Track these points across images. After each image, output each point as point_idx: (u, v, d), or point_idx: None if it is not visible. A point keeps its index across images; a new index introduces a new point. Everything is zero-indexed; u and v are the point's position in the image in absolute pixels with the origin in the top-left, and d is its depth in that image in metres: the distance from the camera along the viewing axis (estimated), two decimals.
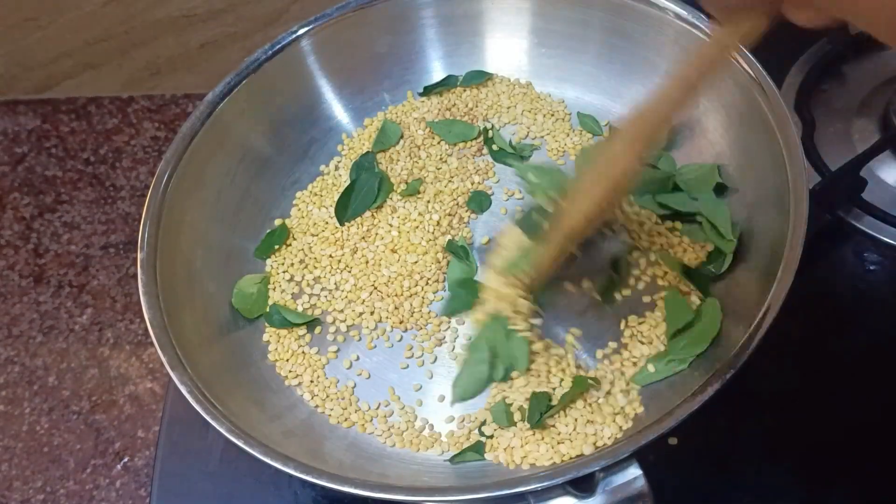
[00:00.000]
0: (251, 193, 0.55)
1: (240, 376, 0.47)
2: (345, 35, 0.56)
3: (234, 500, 0.49)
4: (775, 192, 0.45)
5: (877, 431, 0.47)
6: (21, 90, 0.79)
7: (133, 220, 0.71)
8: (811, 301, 0.50)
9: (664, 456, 0.44)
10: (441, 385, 0.47)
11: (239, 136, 0.54)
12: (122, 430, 0.60)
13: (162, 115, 0.77)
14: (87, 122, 0.77)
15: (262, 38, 0.71)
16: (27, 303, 0.67)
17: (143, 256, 0.47)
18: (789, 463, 0.47)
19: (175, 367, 0.43)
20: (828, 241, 0.54)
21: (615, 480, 0.37)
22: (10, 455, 0.60)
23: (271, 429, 0.44)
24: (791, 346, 0.49)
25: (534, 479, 0.38)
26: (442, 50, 0.58)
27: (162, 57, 0.74)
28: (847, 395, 0.48)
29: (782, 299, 0.39)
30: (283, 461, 0.39)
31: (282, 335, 0.50)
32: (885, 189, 0.55)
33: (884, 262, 0.53)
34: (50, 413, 0.62)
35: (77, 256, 0.69)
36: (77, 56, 0.74)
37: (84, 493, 0.58)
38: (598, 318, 0.48)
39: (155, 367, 0.63)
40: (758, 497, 0.46)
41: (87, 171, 0.74)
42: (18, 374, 0.64)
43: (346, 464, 0.44)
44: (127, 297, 0.67)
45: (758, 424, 0.48)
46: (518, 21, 0.57)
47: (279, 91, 0.55)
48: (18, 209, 0.73)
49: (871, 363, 0.50)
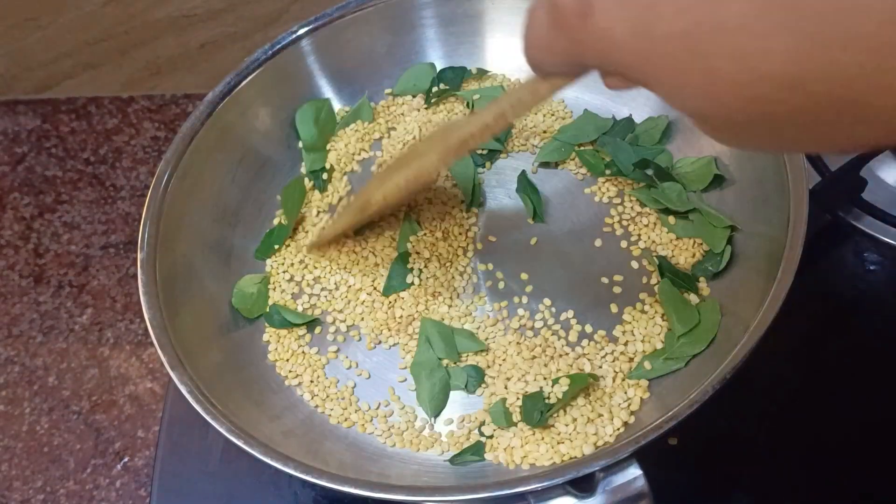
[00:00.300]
0: (251, 193, 0.55)
1: (240, 376, 0.47)
2: (345, 35, 0.56)
3: (234, 500, 0.50)
4: (775, 192, 0.45)
5: (877, 431, 0.47)
6: (21, 90, 0.79)
7: (133, 220, 0.71)
8: (811, 301, 0.50)
9: (664, 456, 0.44)
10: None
11: (239, 136, 0.54)
12: (122, 430, 0.60)
13: (162, 115, 0.77)
14: (87, 122, 0.77)
15: (262, 38, 0.71)
16: (27, 303, 0.67)
17: (143, 256, 0.47)
18: (789, 463, 0.47)
19: (175, 367, 0.43)
20: (828, 241, 0.54)
21: (615, 480, 0.37)
22: (10, 455, 0.60)
23: (271, 429, 0.44)
24: (791, 346, 0.49)
25: (534, 479, 0.38)
26: (442, 50, 0.58)
27: (162, 57, 0.74)
28: (847, 395, 0.48)
29: (782, 299, 0.39)
30: (283, 461, 0.39)
31: (282, 335, 0.50)
32: (885, 189, 0.55)
33: (884, 262, 0.53)
34: (50, 413, 0.62)
35: (77, 256, 0.69)
36: (77, 56, 0.74)
37: (84, 493, 0.58)
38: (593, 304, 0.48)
39: (155, 367, 0.63)
40: (758, 497, 0.46)
41: (87, 171, 0.74)
42: (18, 374, 0.64)
43: (346, 464, 0.44)
44: (127, 297, 0.67)
45: (758, 425, 0.48)
46: (518, 21, 0.56)
47: (279, 91, 0.55)
48: (18, 209, 0.73)
49: (871, 363, 0.50)
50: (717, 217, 0.48)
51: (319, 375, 0.49)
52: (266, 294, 0.52)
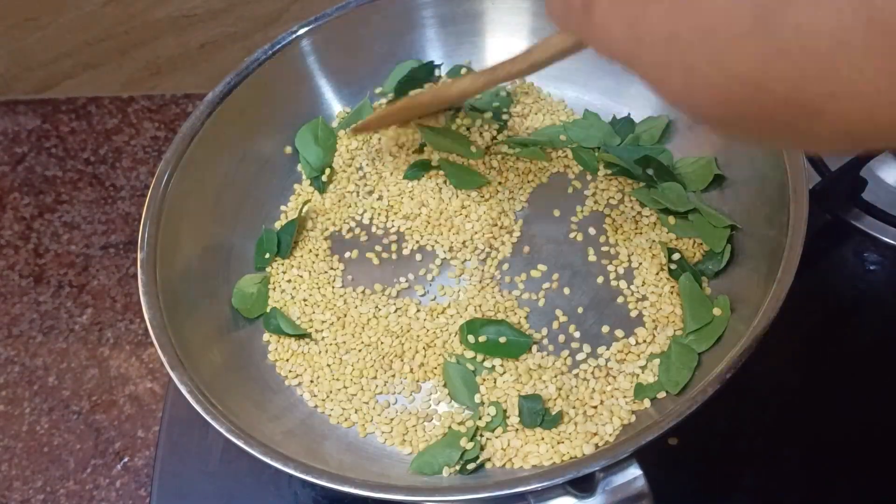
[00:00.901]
0: (251, 193, 0.55)
1: (240, 376, 0.47)
2: (345, 35, 0.56)
3: (234, 500, 0.50)
4: (775, 192, 0.45)
5: (877, 431, 0.47)
6: (21, 90, 0.79)
7: (133, 220, 0.71)
8: (811, 301, 0.50)
9: (664, 456, 0.44)
10: (440, 384, 0.47)
11: (239, 136, 0.54)
12: (122, 430, 0.60)
13: (162, 115, 0.77)
14: (87, 122, 0.77)
15: (262, 38, 0.71)
16: (27, 303, 0.67)
17: (143, 256, 0.47)
18: (789, 463, 0.47)
19: (175, 367, 0.43)
20: (828, 241, 0.54)
21: (615, 480, 0.37)
22: (10, 455, 0.60)
23: (271, 429, 0.44)
24: (791, 346, 0.49)
25: (534, 479, 0.38)
26: (442, 50, 0.58)
27: (162, 57, 0.74)
28: (847, 395, 0.49)
29: (782, 299, 0.39)
30: (283, 461, 0.39)
31: (282, 335, 0.50)
32: (885, 189, 0.55)
33: (884, 262, 0.53)
34: (50, 413, 0.62)
35: (77, 256, 0.69)
36: (77, 56, 0.74)
37: (84, 493, 0.58)
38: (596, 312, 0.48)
39: (155, 367, 0.63)
40: (758, 497, 0.46)
41: (87, 171, 0.74)
42: (18, 374, 0.64)
43: (346, 464, 0.44)
44: (127, 297, 0.67)
45: (758, 425, 0.48)
46: (518, 21, 0.57)
47: (279, 91, 0.55)
48: (18, 209, 0.73)
49: (871, 363, 0.50)
50: (717, 217, 0.48)
51: (319, 375, 0.49)
52: (266, 294, 0.52)
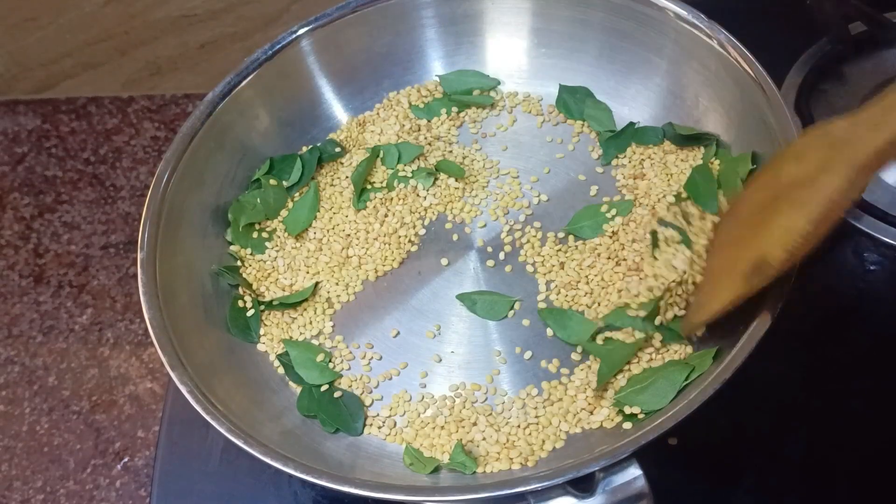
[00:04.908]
0: None
1: (240, 376, 0.47)
2: (345, 35, 0.56)
3: (234, 500, 0.50)
4: None
5: (877, 431, 0.47)
6: (21, 90, 0.79)
7: (133, 220, 0.71)
8: (811, 301, 0.50)
9: (664, 456, 0.44)
10: (440, 385, 0.47)
11: (239, 136, 0.54)
12: (122, 430, 0.60)
13: (162, 115, 0.77)
14: (87, 122, 0.77)
15: (262, 38, 0.71)
16: (27, 303, 0.67)
17: (143, 256, 0.47)
18: (789, 463, 0.47)
19: (175, 367, 0.43)
20: (828, 241, 0.54)
21: (615, 480, 0.37)
22: (10, 455, 0.60)
23: (271, 429, 0.44)
24: (791, 346, 0.49)
25: (534, 479, 0.38)
26: (442, 50, 0.58)
27: (162, 57, 0.74)
28: (847, 394, 0.48)
29: (782, 300, 0.40)
30: (283, 461, 0.39)
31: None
32: (885, 189, 0.55)
33: (884, 262, 0.53)
34: (50, 413, 0.62)
35: (77, 256, 0.69)
36: (77, 56, 0.75)
37: (84, 493, 0.58)
38: None
39: (155, 367, 0.63)
40: (758, 497, 0.46)
41: (87, 171, 0.74)
42: (18, 374, 0.64)
43: (346, 464, 0.44)
44: (127, 297, 0.67)
45: (758, 425, 0.48)
46: (518, 21, 0.57)
47: (279, 91, 0.55)
48: (18, 209, 0.73)
49: (872, 363, 0.50)
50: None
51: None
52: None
